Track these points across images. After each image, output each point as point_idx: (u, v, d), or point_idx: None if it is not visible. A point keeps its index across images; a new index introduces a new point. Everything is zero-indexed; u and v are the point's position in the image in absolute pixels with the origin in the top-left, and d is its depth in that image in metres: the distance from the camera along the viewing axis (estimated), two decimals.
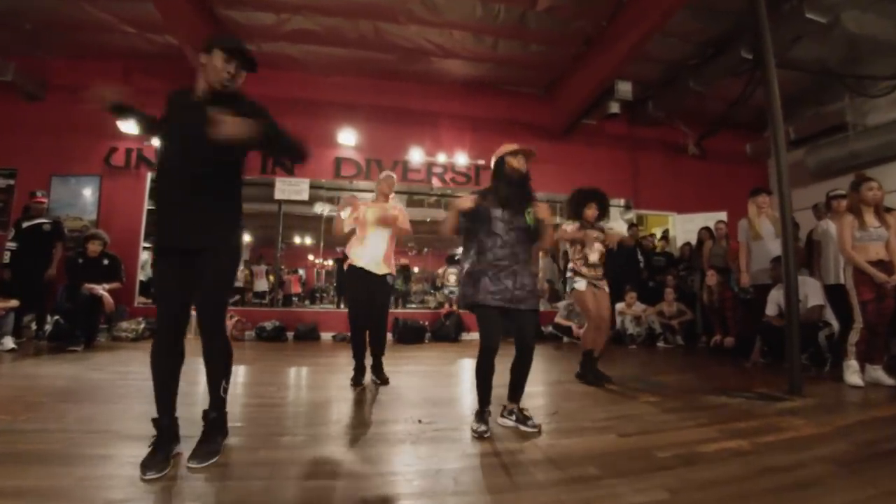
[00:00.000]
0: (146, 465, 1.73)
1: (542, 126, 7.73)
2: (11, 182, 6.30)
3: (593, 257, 3.59)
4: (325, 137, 7.12)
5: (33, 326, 5.39)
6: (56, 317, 5.22)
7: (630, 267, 7.05)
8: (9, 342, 4.62)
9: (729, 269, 5.57)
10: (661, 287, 6.52)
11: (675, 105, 7.29)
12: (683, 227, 7.85)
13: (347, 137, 7.17)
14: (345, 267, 3.40)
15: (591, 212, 3.61)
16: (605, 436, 2.30)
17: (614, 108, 6.53)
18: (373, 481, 1.73)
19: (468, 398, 3.10)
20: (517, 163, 2.50)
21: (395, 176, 3.68)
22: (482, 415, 2.34)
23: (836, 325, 3.98)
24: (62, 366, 3.94)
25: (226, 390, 2.02)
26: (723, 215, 6.98)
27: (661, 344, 6.03)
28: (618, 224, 8.31)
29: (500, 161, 2.54)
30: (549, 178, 7.90)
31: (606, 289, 3.61)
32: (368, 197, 3.70)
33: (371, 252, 3.36)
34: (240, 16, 5.75)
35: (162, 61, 6.43)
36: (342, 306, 8.66)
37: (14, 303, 4.82)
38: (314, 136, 7.06)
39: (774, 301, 4.25)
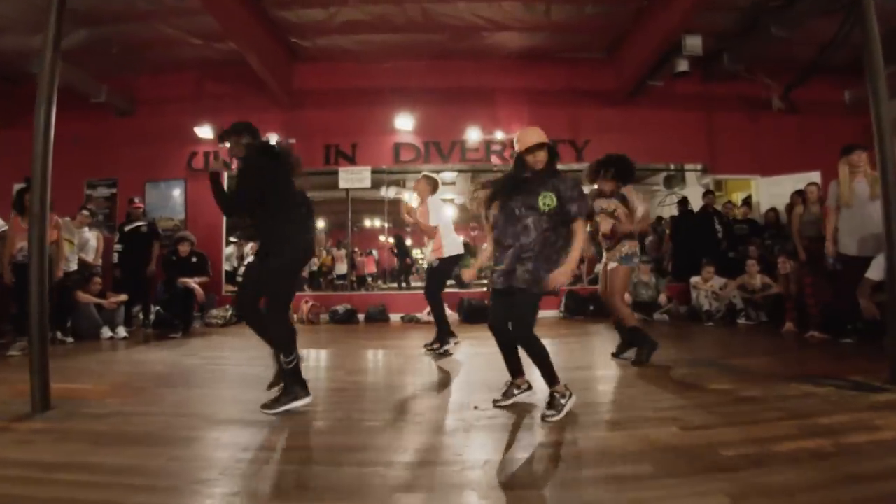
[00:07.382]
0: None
1: (605, 92, 7.31)
2: (114, 190, 7.12)
3: (604, 227, 3.55)
4: (383, 124, 7.24)
5: (140, 316, 6.13)
6: (157, 307, 5.91)
7: (706, 238, 6.56)
8: (121, 331, 5.34)
9: (823, 238, 4.97)
10: (744, 258, 5.97)
11: (756, 55, 6.52)
12: (768, 191, 7.13)
13: (404, 122, 7.22)
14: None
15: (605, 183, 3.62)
16: (666, 428, 2.20)
17: (683, 65, 5.98)
18: (425, 468, 1.80)
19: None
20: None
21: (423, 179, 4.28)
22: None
23: None
24: (163, 352, 4.48)
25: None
26: (815, 175, 6.22)
27: (741, 321, 5.58)
28: (695, 189, 7.70)
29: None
30: (615, 146, 7.46)
31: (613, 264, 3.55)
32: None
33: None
34: (291, 15, 5.96)
35: (228, 67, 6.83)
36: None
37: (123, 297, 5.53)
38: (372, 124, 7.23)
39: (878, 266, 3.65)
